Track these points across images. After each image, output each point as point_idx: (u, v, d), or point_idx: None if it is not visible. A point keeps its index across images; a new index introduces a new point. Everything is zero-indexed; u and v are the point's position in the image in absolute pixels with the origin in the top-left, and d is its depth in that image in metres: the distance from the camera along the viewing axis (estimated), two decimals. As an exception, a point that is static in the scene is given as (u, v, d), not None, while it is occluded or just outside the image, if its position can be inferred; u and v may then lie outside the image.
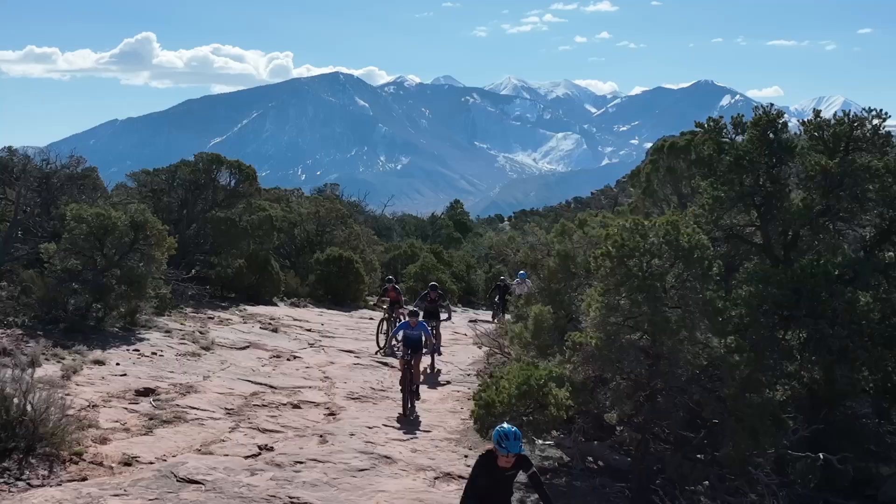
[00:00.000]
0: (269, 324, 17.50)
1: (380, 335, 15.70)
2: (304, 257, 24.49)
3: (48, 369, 11.09)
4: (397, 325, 13.75)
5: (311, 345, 16.00)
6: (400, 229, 43.14)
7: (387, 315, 15.80)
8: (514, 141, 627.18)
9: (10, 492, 7.19)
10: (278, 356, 14.49)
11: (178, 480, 7.72)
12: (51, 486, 7.37)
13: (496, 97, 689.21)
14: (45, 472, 7.68)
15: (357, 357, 14.97)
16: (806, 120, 9.11)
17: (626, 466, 8.30)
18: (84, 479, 7.62)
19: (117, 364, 12.26)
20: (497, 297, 20.44)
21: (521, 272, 20.77)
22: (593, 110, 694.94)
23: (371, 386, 12.75)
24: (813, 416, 9.13)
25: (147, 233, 15.47)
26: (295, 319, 18.81)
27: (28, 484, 7.40)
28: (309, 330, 17.64)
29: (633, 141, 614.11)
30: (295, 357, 14.61)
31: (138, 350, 13.41)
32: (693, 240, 7.81)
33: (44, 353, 11.84)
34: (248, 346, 14.96)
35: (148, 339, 14.29)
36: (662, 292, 7.81)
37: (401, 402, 11.15)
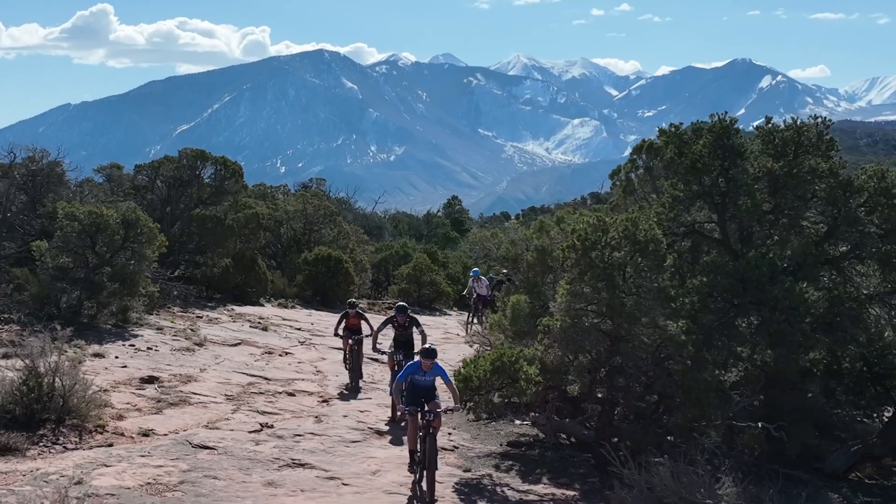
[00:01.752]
0: (259, 323, 19.88)
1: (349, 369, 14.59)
2: (292, 257, 26.87)
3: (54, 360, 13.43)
4: (356, 355, 13.89)
5: (302, 342, 18.38)
6: (392, 228, 45.54)
7: (347, 351, 14.52)
8: (524, 128, 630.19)
9: (50, 453, 9.54)
10: (270, 352, 16.86)
11: (192, 447, 10.07)
12: (84, 450, 9.72)
13: (503, 78, 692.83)
14: (76, 440, 10.04)
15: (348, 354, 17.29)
16: (758, 126, 11.48)
17: (593, 440, 10.63)
18: (111, 445, 9.97)
19: (116, 357, 14.62)
20: (474, 295, 22.07)
21: (475, 269, 22.82)
22: (614, 93, 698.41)
23: (363, 380, 15.09)
24: (767, 395, 11.52)
25: (138, 231, 17.86)
26: (284, 319, 21.19)
27: (64, 447, 9.75)
28: (299, 329, 20.02)
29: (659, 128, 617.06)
30: (286, 353, 16.98)
31: (134, 345, 15.77)
32: (649, 235, 10.17)
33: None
34: (239, 343, 17.33)
35: (141, 336, 16.65)
36: (622, 281, 10.17)
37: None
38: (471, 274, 22.60)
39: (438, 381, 9.73)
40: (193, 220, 23.31)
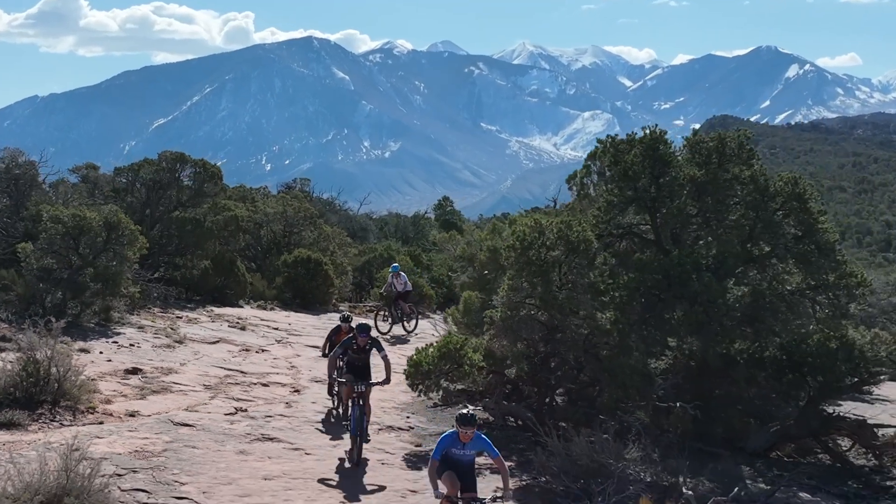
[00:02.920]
0: (237, 322, 22.19)
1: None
2: (271, 259, 29.19)
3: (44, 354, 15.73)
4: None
5: (279, 341, 20.69)
6: (378, 230, 47.85)
7: (342, 396, 13.20)
8: (530, 122, 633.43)
9: (49, 428, 11.84)
10: (247, 349, 19.16)
11: (174, 424, 12.37)
12: (78, 426, 12.00)
13: (507, 67, 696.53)
14: (71, 418, 12.33)
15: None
16: (686, 137, 13.80)
17: (532, 420, 12.91)
18: (102, 422, 12.27)
19: (101, 353, 16.91)
20: (393, 292, 22.95)
21: (395, 265, 23.77)
22: (627, 83, 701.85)
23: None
24: (697, 382, 13.83)
25: (120, 233, 20.17)
26: (262, 320, 23.51)
27: (60, 424, 12.05)
28: (276, 328, 22.33)
29: (677, 122, 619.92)
30: (263, 350, 19.28)
31: (117, 342, 18.07)
32: (581, 236, 12.48)
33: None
34: (218, 341, 19.64)
35: (124, 334, 18.94)
36: (557, 277, 12.48)
37: None
38: (390, 269, 23.78)
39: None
40: (173, 222, 25.60)
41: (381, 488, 10.68)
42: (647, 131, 13.46)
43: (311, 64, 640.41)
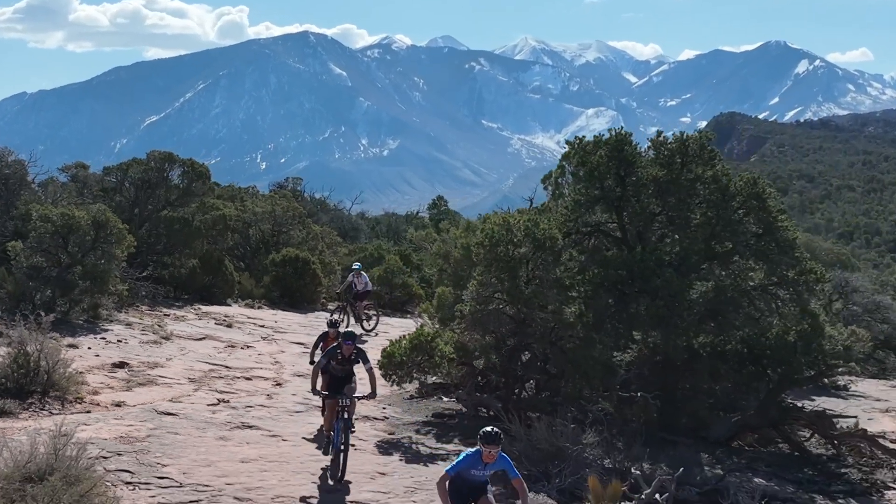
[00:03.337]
0: (224, 320, 23.17)
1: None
2: (260, 258, 30.15)
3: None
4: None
5: (264, 338, 21.67)
6: (369, 230, 48.85)
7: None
8: (532, 119, 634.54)
9: (39, 416, 12.82)
10: (233, 346, 20.14)
11: (158, 413, 13.35)
12: (66, 414, 12.97)
13: (509, 63, 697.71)
14: (60, 407, 13.31)
15: (306, 348, 20.57)
16: (651, 138, 14.78)
17: (501, 408, 13.89)
18: (89, 411, 13.25)
19: (89, 348, 17.89)
20: (353, 291, 23.17)
21: (356, 264, 24.00)
22: (633, 79, 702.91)
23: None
24: (663, 374, 14.80)
25: (108, 232, 21.15)
26: (249, 318, 24.48)
27: (50, 412, 13.02)
28: (262, 326, 23.31)
29: (683, 119, 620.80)
30: (248, 347, 20.26)
31: (105, 338, 19.05)
32: (547, 233, 13.46)
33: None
34: (204, 338, 20.61)
35: (112, 330, 19.91)
36: (524, 272, 13.46)
37: None
38: (353, 267, 24.12)
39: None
40: (161, 221, 26.57)
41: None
42: (613, 133, 14.43)
43: (307, 59, 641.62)
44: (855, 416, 15.94)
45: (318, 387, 11.73)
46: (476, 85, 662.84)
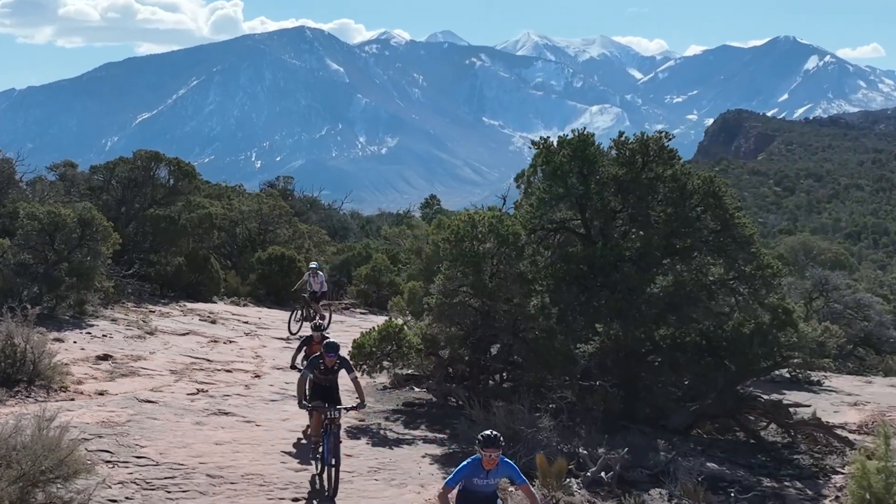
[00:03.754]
0: (209, 316, 24.24)
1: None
2: (246, 256, 31.23)
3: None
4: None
5: (247, 334, 22.73)
6: (359, 229, 49.92)
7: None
8: (535, 116, 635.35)
9: (25, 403, 13.87)
10: (216, 341, 21.19)
11: (139, 401, 14.41)
12: (52, 402, 14.03)
13: (511, 59, 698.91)
14: (45, 395, 14.36)
15: (288, 343, 21.65)
16: (613, 139, 15.84)
17: (467, 396, 14.94)
18: (73, 399, 14.31)
19: (74, 342, 18.95)
20: (308, 291, 22.98)
21: (313, 263, 23.87)
22: (638, 76, 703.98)
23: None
24: (625, 365, 15.85)
25: (94, 229, 22.20)
26: (234, 314, 25.55)
27: (35, 400, 14.07)
28: (246, 322, 24.38)
29: (690, 116, 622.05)
30: (231, 342, 21.32)
31: (90, 333, 20.11)
32: (510, 230, 14.52)
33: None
34: (188, 333, 21.67)
35: (97, 326, 20.98)
36: (489, 267, 14.51)
37: None
38: (310, 266, 24.21)
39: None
40: (147, 219, 27.65)
41: None
42: (576, 133, 15.49)
43: (303, 55, 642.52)
44: (809, 405, 17.00)
45: (305, 399, 11.58)
46: (477, 81, 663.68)
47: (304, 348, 13.83)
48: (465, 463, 8.16)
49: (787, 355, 15.99)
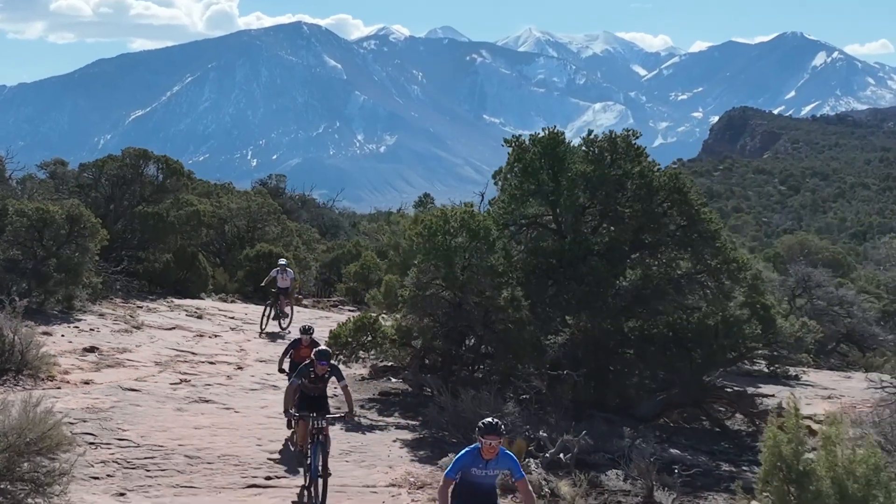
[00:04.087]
0: (195, 312, 25.13)
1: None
2: (234, 254, 32.12)
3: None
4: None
5: (233, 328, 23.62)
6: (350, 227, 50.84)
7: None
8: (537, 114, 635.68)
9: (13, 391, 14.76)
10: (201, 335, 22.09)
11: (123, 389, 15.31)
12: (39, 390, 14.93)
13: (512, 55, 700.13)
14: (32, 384, 15.26)
15: (272, 338, 22.54)
16: (582, 137, 16.73)
17: (439, 386, 15.82)
18: (59, 388, 15.20)
19: (62, 336, 19.84)
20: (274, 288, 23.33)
21: (282, 260, 24.33)
22: (642, 72, 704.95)
23: (279, 354, 20.28)
24: (595, 356, 16.75)
25: (82, 226, 23.10)
26: (220, 310, 26.45)
27: (23, 388, 14.97)
28: (232, 318, 25.27)
29: (695, 114, 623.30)
30: (216, 336, 22.22)
31: (78, 327, 21.00)
32: (481, 224, 15.41)
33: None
34: (174, 328, 22.57)
35: (85, 320, 21.87)
36: (460, 260, 15.40)
37: None
38: (278, 262, 24.52)
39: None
40: (136, 217, 28.53)
41: None
42: (547, 132, 16.39)
43: (300, 51, 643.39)
44: (773, 395, 17.90)
45: (292, 409, 11.44)
46: (477, 78, 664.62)
47: (291, 351, 13.87)
48: (463, 452, 8.06)
49: (751, 346, 16.87)
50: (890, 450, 12.71)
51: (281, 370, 14.00)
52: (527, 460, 12.52)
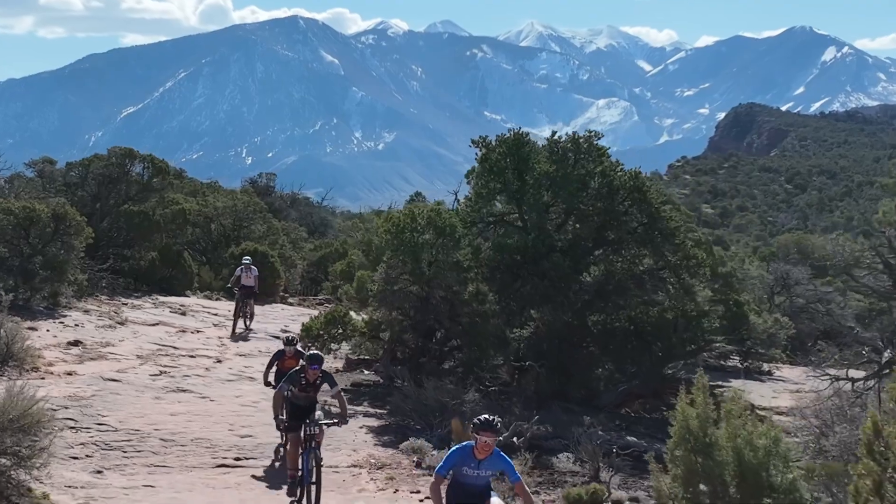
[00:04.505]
0: (179, 309, 26.29)
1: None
2: (220, 252, 33.28)
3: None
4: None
5: (216, 325, 24.77)
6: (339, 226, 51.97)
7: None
8: (539, 110, 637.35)
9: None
10: (184, 331, 23.24)
11: (104, 380, 16.46)
12: (23, 380, 16.06)
13: (514, 50, 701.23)
14: (17, 374, 16.39)
15: (254, 333, 23.69)
16: (547, 138, 17.89)
17: (407, 376, 16.97)
18: (43, 378, 16.35)
19: (47, 330, 20.99)
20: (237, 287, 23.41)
21: (246, 258, 24.41)
22: (647, 68, 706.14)
23: (259, 349, 21.46)
24: (560, 349, 17.89)
25: (67, 224, 24.26)
26: (204, 307, 27.61)
27: (8, 378, 16.10)
28: (215, 314, 26.42)
29: (701, 110, 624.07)
30: (198, 331, 23.38)
31: (63, 323, 22.15)
32: (447, 222, 16.55)
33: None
34: (158, 324, 23.72)
35: (70, 316, 23.02)
36: (428, 256, 16.54)
37: None
38: (243, 261, 24.51)
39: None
40: (122, 215, 29.69)
41: None
42: (512, 133, 17.55)
43: (296, 46, 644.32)
44: (742, 390, 19.04)
45: (282, 415, 11.37)
46: (478, 74, 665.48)
47: (276, 363, 13.68)
48: (454, 449, 8.10)
49: (709, 339, 18.02)
50: (826, 433, 13.88)
51: (267, 383, 13.62)
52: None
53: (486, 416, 7.95)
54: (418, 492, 12.19)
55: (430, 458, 13.05)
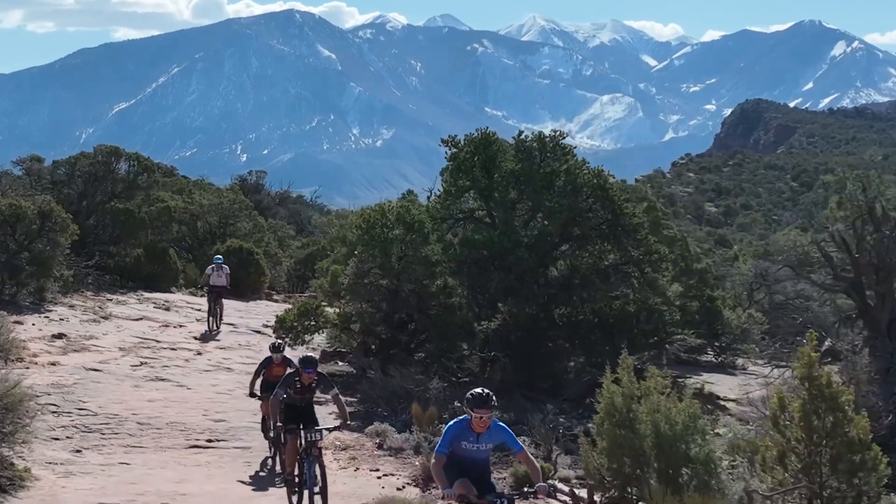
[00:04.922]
0: (163, 304, 27.46)
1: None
2: (206, 249, 34.42)
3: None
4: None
5: (198, 320, 25.92)
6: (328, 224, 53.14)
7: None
8: (541, 106, 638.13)
9: (-15, 370, 17.07)
10: (167, 325, 24.40)
11: (86, 369, 17.62)
12: (9, 369, 17.23)
13: (515, 45, 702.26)
14: (2, 365, 17.55)
15: (235, 328, 24.85)
16: (514, 137, 19.04)
17: (379, 366, 18.12)
18: (28, 367, 17.51)
19: (33, 324, 22.15)
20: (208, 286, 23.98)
21: (218, 257, 25.09)
22: (652, 63, 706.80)
23: (240, 343, 22.61)
24: (526, 341, 19.04)
25: (53, 221, 25.42)
26: (188, 303, 28.77)
27: (-6, 368, 17.27)
28: (199, 310, 27.56)
29: (708, 106, 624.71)
30: (181, 326, 24.53)
31: (48, 317, 23.32)
32: (416, 218, 17.70)
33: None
34: (141, 319, 24.88)
35: (55, 311, 24.18)
36: (397, 251, 17.70)
37: None
38: (214, 260, 25.24)
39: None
40: (108, 212, 30.87)
41: None
42: (480, 132, 18.71)
43: (292, 41, 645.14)
44: (691, 377, 20.21)
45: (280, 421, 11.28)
46: (479, 69, 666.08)
47: (263, 371, 13.59)
48: (451, 424, 8.03)
49: (671, 331, 19.17)
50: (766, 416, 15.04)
51: (252, 394, 13.70)
52: (439, 425, 14.80)
53: (479, 390, 7.88)
54: (377, 469, 13.34)
55: (392, 440, 14.19)
